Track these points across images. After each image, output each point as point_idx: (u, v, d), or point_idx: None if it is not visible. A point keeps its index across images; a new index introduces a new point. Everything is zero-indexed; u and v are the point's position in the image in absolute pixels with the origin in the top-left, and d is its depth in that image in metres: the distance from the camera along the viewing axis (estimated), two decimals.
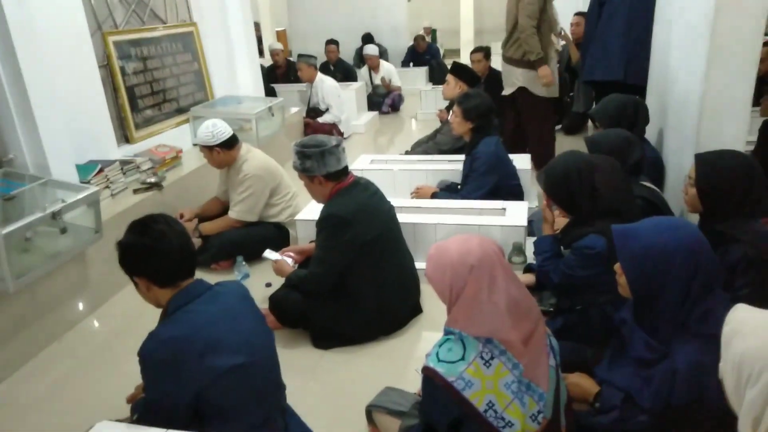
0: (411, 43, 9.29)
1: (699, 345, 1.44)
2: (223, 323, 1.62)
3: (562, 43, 5.45)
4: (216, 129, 3.10)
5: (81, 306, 2.86)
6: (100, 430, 1.50)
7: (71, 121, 3.15)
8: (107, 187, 3.26)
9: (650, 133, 3.13)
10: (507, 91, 4.40)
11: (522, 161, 3.59)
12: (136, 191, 3.36)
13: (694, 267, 1.46)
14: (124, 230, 1.64)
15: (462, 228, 2.85)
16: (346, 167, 2.47)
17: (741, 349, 1.05)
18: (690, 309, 1.48)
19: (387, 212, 2.56)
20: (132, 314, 2.81)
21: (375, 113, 6.94)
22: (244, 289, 1.80)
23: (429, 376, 1.44)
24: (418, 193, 3.49)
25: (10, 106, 2.81)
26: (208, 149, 3.13)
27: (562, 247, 2.21)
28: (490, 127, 3.23)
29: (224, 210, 3.35)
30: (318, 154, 2.36)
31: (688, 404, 1.42)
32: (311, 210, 3.12)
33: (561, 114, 5.90)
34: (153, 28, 4.06)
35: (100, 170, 3.23)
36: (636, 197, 2.28)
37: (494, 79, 5.57)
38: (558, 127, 5.89)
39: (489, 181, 3.13)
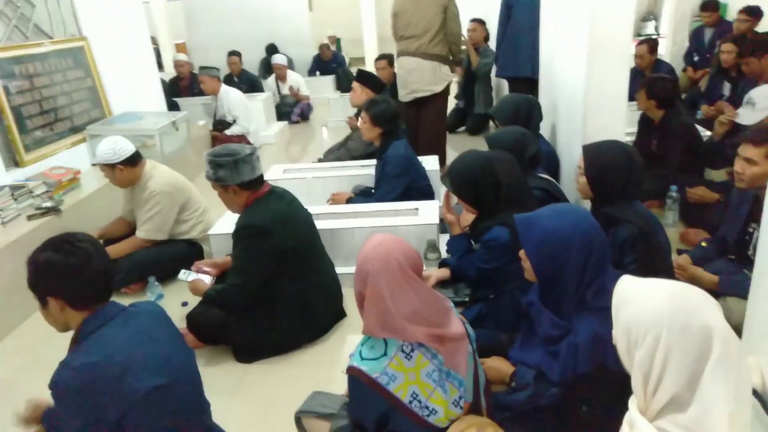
0: (316, 52, 9.31)
1: (596, 318, 1.58)
2: (140, 345, 1.57)
3: (464, 47, 5.72)
4: (117, 146, 2.96)
5: None
6: None
7: None
8: None
9: (544, 128, 3.37)
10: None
11: (431, 162, 3.73)
12: (30, 217, 3.14)
13: (589, 248, 1.60)
14: (37, 248, 1.55)
15: (378, 230, 2.90)
16: (261, 176, 2.45)
17: (627, 315, 1.17)
18: (587, 286, 1.62)
19: (305, 220, 2.57)
20: (33, 349, 2.62)
21: (285, 123, 6.90)
22: (160, 308, 1.75)
23: (354, 375, 1.48)
24: (334, 200, 3.52)
25: None
26: (109, 168, 2.98)
27: (472, 242, 2.33)
28: (398, 130, 3.33)
29: (131, 230, 3.20)
30: (231, 163, 2.32)
31: (592, 372, 1.55)
32: (225, 223, 3.06)
33: (464, 116, 6.18)
34: (38, 44, 3.80)
35: None
36: (535, 188, 2.46)
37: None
38: (462, 128, 6.17)
39: (401, 183, 3.22)
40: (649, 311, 1.13)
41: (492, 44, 5.79)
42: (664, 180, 3.26)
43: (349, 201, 3.40)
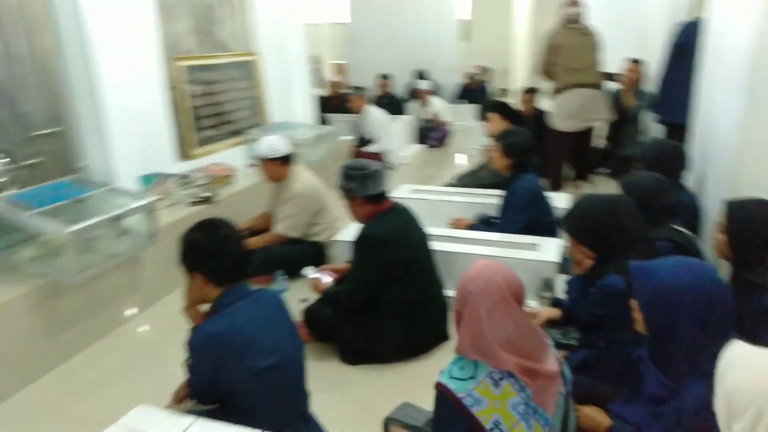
0: (464, 81, 9.49)
1: (708, 385, 1.46)
2: (261, 326, 1.77)
3: (615, 86, 5.52)
4: (277, 144, 3.33)
5: (132, 305, 3.07)
6: (138, 413, 1.65)
7: (138, 136, 3.44)
8: (164, 198, 3.52)
9: (690, 179, 3.14)
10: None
11: (560, 199, 3.64)
12: (193, 203, 3.61)
13: (709, 307, 1.49)
14: (188, 229, 1.81)
15: (494, 260, 2.91)
16: (384, 192, 2.61)
17: (731, 383, 1.09)
18: (702, 349, 1.51)
19: (420, 238, 2.67)
20: (178, 316, 3.00)
21: (422, 146, 7.11)
22: (281, 298, 1.95)
23: (441, 391, 1.53)
24: (455, 224, 3.59)
25: (88, 120, 3.11)
26: (266, 162, 3.34)
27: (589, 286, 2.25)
28: (529, 164, 3.31)
29: (270, 223, 3.54)
30: (360, 177, 2.51)
31: None
32: (349, 233, 3.26)
33: (606, 156, 5.90)
34: (218, 55, 4.38)
35: (160, 182, 3.49)
36: (665, 240, 2.31)
37: (541, 118, 5.67)
38: (603, 169, 5.90)
39: (524, 216, 3.19)
40: (757, 382, 1.04)
41: (647, 85, 5.50)
42: None
43: (470, 227, 3.43)
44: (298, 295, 3.17)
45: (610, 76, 5.37)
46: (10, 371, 2.41)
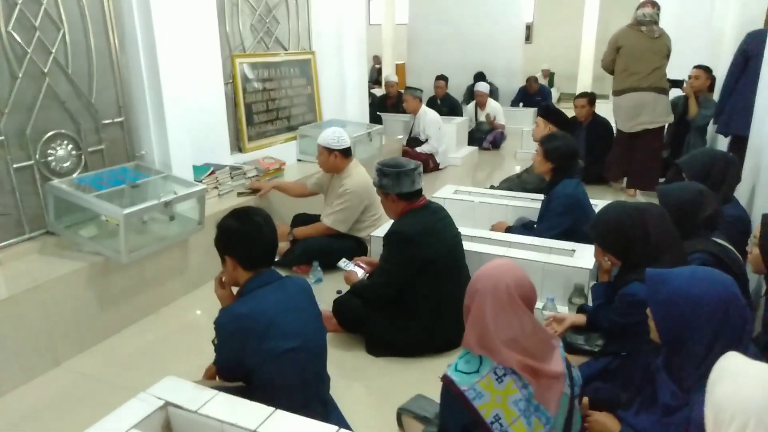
0: (523, 84, 9.36)
1: None
2: (285, 311, 1.87)
3: (680, 93, 5.33)
4: (341, 136, 3.47)
5: (178, 286, 3.27)
6: (166, 383, 1.78)
7: (195, 128, 3.65)
8: (216, 187, 3.72)
9: (743, 192, 3.01)
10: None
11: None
12: (239, 194, 3.79)
13: (723, 317, 1.46)
14: (224, 216, 1.95)
15: (526, 263, 2.91)
16: (420, 190, 2.66)
17: (719, 395, 1.09)
18: (714, 360, 1.48)
19: (452, 237, 2.71)
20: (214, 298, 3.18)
21: (474, 148, 7.09)
22: (308, 286, 2.05)
23: (445, 383, 1.57)
24: (495, 228, 3.59)
25: (148, 112, 3.34)
26: (327, 151, 3.47)
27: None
28: (572, 169, 3.27)
29: (300, 194, 3.81)
30: (394, 174, 2.58)
31: None
32: (384, 228, 3.33)
33: (666, 165, 5.68)
34: (275, 53, 4.57)
35: (212, 172, 3.69)
36: (702, 252, 2.24)
37: (597, 125, 5.54)
38: (662, 180, 5.68)
39: (563, 221, 3.16)
40: (743, 395, 1.03)
41: (714, 94, 5.26)
42: None
43: (508, 230, 3.43)
44: (334, 287, 3.27)
45: (675, 83, 5.19)
46: (64, 339, 2.64)
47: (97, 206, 2.78)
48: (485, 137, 7.42)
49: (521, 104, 9.08)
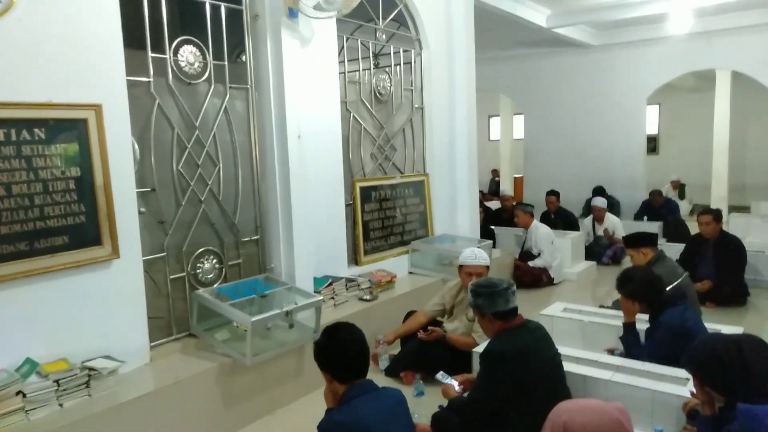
0: (648, 197, 9.07)
1: None
2: (382, 421, 2.06)
3: None
4: (480, 254, 3.73)
5: (294, 390, 3.54)
6: None
7: (318, 244, 4.11)
8: (332, 297, 4.08)
9: None
10: None
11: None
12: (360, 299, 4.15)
13: None
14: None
15: (635, 390, 2.81)
16: (515, 309, 2.74)
17: None
18: None
19: (551, 358, 2.71)
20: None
21: (592, 263, 6.92)
22: (403, 399, 2.23)
23: None
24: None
25: (279, 231, 3.86)
26: (483, 268, 3.69)
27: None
28: (665, 299, 3.18)
29: (426, 324, 3.84)
30: (488, 294, 2.70)
31: None
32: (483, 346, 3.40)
33: None
34: (392, 177, 5.06)
35: (330, 284, 4.08)
36: None
37: (726, 242, 5.26)
38: None
39: (665, 350, 3.01)
40: None
41: None
42: None
43: (610, 353, 3.33)
44: (435, 401, 3.34)
45: None
46: (192, 430, 2.98)
47: (230, 313, 3.22)
48: (604, 252, 7.23)
49: (645, 218, 8.76)
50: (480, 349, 3.35)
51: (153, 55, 3.28)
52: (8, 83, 2.53)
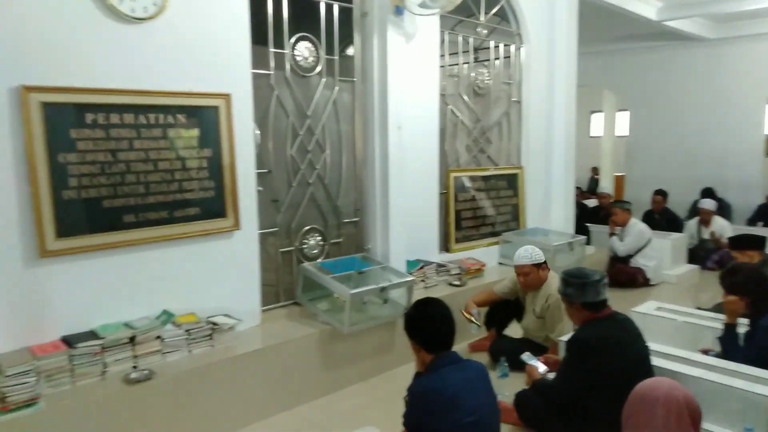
0: (763, 201, 8.45)
1: None
2: (465, 390, 2.24)
3: None
4: (534, 252, 3.76)
5: (385, 361, 3.80)
6: (365, 429, 2.25)
7: (412, 229, 4.35)
8: (423, 280, 4.30)
9: None
10: None
11: None
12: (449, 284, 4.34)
13: None
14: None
15: (725, 389, 2.78)
16: (605, 300, 2.78)
17: None
18: None
19: (637, 351, 2.72)
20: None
21: (695, 267, 6.61)
22: (486, 371, 2.39)
23: None
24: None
25: (377, 214, 4.14)
26: (537, 267, 3.73)
27: None
28: None
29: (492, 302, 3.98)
30: (578, 284, 2.76)
31: None
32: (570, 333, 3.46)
33: None
34: (486, 168, 5.18)
35: (421, 267, 4.30)
36: None
37: None
38: None
39: (764, 353, 2.93)
40: None
41: None
42: None
43: (704, 352, 3.26)
44: (518, 384, 3.46)
45: None
46: (294, 390, 3.32)
47: (332, 285, 3.53)
48: (710, 256, 6.87)
49: (760, 223, 8.17)
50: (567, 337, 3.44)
51: (274, 50, 3.65)
52: (156, 74, 2.97)
